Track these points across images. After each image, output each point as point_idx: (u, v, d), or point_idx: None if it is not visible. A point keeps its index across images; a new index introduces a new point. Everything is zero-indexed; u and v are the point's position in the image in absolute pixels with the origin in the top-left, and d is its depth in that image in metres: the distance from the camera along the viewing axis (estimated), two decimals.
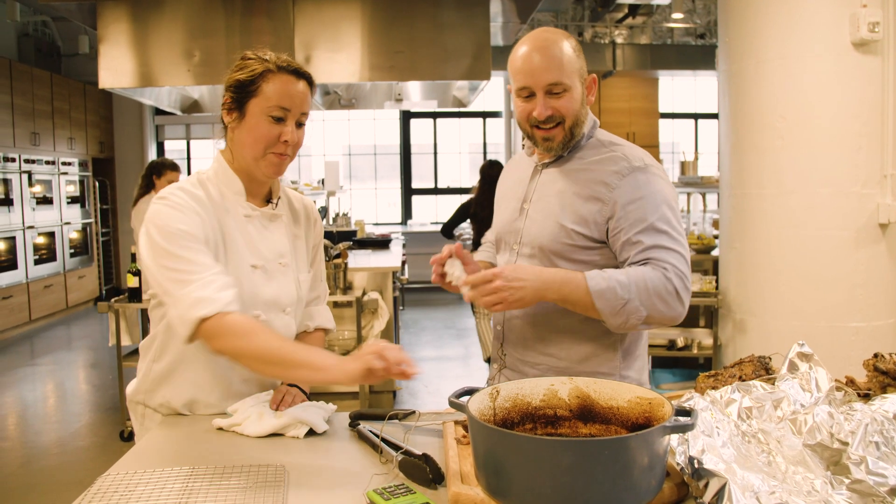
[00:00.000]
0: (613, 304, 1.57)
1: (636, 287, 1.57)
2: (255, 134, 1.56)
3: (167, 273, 1.45)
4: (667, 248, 1.62)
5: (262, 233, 1.66)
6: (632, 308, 1.57)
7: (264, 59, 1.57)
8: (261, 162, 1.58)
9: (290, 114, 1.57)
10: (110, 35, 5.30)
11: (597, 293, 1.57)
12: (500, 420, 1.28)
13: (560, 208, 1.71)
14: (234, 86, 1.58)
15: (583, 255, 1.69)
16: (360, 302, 4.29)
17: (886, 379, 1.48)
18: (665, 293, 1.59)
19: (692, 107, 10.87)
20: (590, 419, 1.27)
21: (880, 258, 3.59)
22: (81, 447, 4.34)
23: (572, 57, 1.67)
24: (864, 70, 3.48)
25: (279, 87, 1.55)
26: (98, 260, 9.34)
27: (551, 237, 1.70)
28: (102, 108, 9.60)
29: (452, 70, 5.53)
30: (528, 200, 1.79)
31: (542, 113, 1.66)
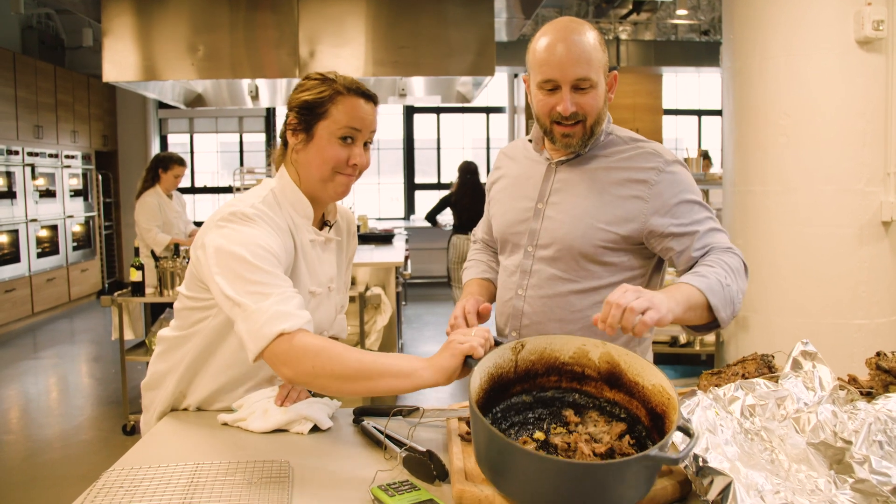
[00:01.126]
0: (722, 296, 1.52)
1: (728, 273, 1.55)
2: (323, 156, 1.54)
3: (244, 285, 1.38)
4: (718, 229, 1.64)
5: (320, 258, 1.66)
6: (734, 292, 1.54)
7: (332, 80, 1.55)
8: (328, 184, 1.57)
9: (360, 135, 1.56)
10: (114, 28, 5.30)
11: (708, 290, 1.49)
12: (522, 371, 1.29)
13: (592, 209, 1.65)
14: (300, 107, 1.55)
15: (613, 257, 1.65)
16: (364, 297, 4.29)
17: (889, 377, 1.48)
18: (741, 270, 1.59)
19: (696, 103, 10.85)
20: (615, 386, 1.28)
21: (883, 256, 3.59)
22: (84, 441, 4.35)
23: (599, 50, 1.60)
24: (868, 68, 3.47)
25: (348, 110, 1.53)
26: (101, 253, 9.35)
27: (584, 239, 1.64)
28: (106, 102, 9.60)
29: (456, 66, 5.53)
30: (542, 200, 1.72)
31: (566, 108, 1.59)
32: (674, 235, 1.62)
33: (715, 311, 1.51)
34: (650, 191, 1.62)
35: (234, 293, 1.38)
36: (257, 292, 1.37)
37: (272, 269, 1.41)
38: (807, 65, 3.53)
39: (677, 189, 1.62)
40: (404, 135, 10.94)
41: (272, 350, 1.33)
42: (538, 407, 1.33)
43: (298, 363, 1.31)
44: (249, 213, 1.47)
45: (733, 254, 1.60)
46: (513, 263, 1.77)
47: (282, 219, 1.55)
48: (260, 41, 5.37)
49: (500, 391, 1.30)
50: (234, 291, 1.38)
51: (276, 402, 1.56)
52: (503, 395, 1.30)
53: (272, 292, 1.37)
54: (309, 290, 1.61)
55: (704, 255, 1.60)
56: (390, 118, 10.96)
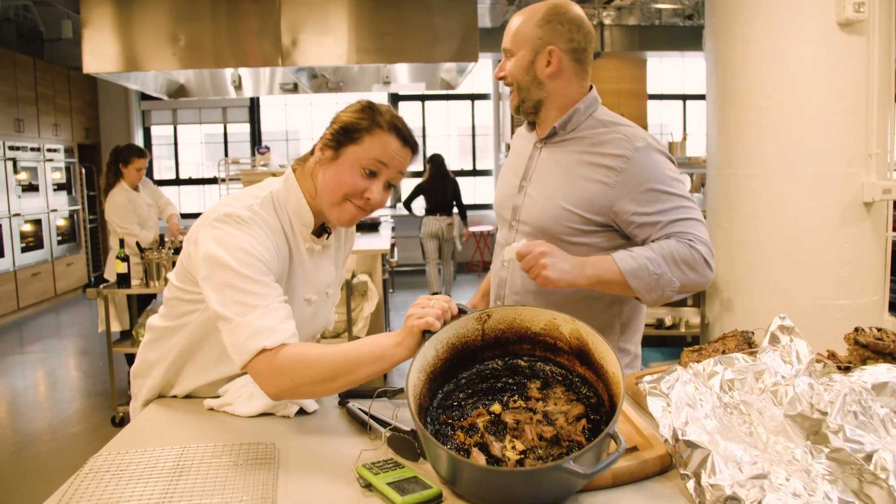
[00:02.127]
0: (647, 281, 1.60)
1: (665, 260, 1.60)
2: (341, 179, 1.52)
3: (231, 294, 1.38)
4: (685, 219, 1.65)
5: (317, 265, 1.65)
6: (665, 281, 1.61)
7: (377, 112, 1.53)
8: (335, 209, 1.55)
9: (386, 170, 1.53)
10: (94, 19, 5.25)
11: (629, 273, 1.59)
12: (492, 338, 1.30)
13: (562, 190, 1.71)
14: (340, 125, 1.54)
15: (584, 238, 1.70)
16: (350, 284, 4.30)
17: (867, 352, 1.51)
18: (693, 262, 1.62)
19: (680, 88, 10.88)
20: (585, 363, 1.28)
21: (865, 236, 3.63)
22: (73, 433, 4.34)
23: (528, 27, 1.72)
24: (849, 50, 3.50)
25: (382, 145, 1.51)
26: (86, 247, 9.29)
27: (552, 219, 1.71)
28: (87, 94, 9.51)
29: (440, 52, 5.51)
30: (527, 178, 1.80)
31: (497, 73, 1.79)
32: (636, 224, 1.67)
33: (636, 293, 1.61)
34: (616, 177, 1.66)
35: (219, 304, 1.39)
36: (243, 303, 1.37)
37: (261, 277, 1.41)
38: (789, 47, 3.56)
39: (644, 177, 1.65)
40: None
41: (254, 366, 1.35)
42: (508, 375, 1.33)
43: (280, 379, 1.33)
44: (245, 217, 1.46)
45: (688, 245, 1.62)
46: (501, 236, 1.86)
47: (278, 222, 1.54)
48: (242, 30, 5.34)
49: (467, 358, 1.32)
50: (219, 302, 1.39)
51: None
52: (471, 361, 1.32)
53: (258, 304, 1.37)
54: (304, 297, 1.60)
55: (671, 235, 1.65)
56: None
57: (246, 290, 1.38)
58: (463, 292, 8.81)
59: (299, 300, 1.59)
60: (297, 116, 10.90)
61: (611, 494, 1.12)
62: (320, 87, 7.06)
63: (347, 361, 1.31)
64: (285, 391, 1.34)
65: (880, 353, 1.49)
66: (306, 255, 1.60)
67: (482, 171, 11.04)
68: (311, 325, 1.65)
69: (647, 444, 1.23)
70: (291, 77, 6.46)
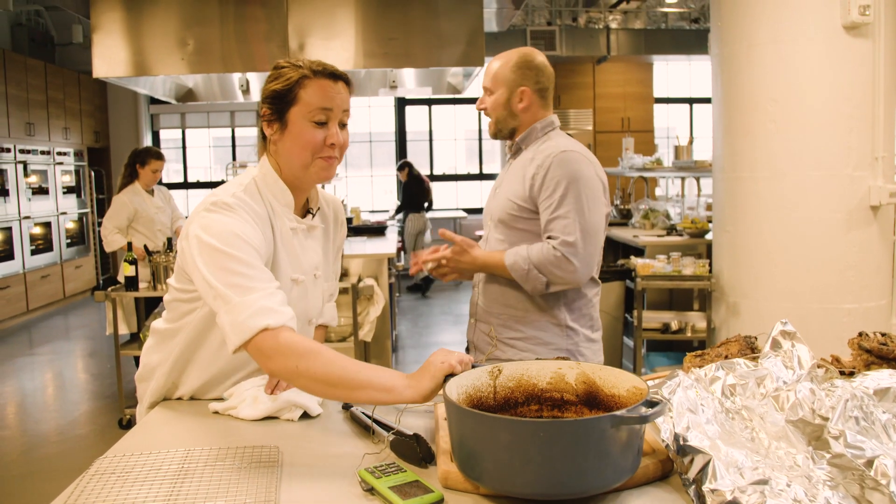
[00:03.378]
0: (520, 274, 2.09)
1: (534, 259, 2.06)
2: (300, 141, 1.54)
3: (227, 277, 1.38)
4: (563, 217, 2.05)
5: (303, 245, 1.66)
6: (533, 276, 2.07)
7: (298, 65, 1.55)
8: (310, 169, 1.57)
9: (332, 115, 1.55)
10: (104, 24, 5.28)
11: (509, 266, 2.10)
12: (502, 399, 1.30)
13: (511, 186, 2.18)
14: (270, 97, 1.56)
15: (524, 224, 2.14)
16: (356, 288, 4.31)
17: (870, 357, 1.51)
18: (556, 261, 2.04)
19: (687, 91, 10.86)
20: (595, 405, 1.29)
21: (872, 240, 3.62)
22: (80, 435, 4.37)
23: (505, 71, 2.17)
24: (855, 53, 3.49)
25: (317, 92, 1.53)
26: (95, 250, 9.34)
27: (503, 210, 2.18)
28: (97, 98, 9.57)
29: (447, 57, 5.52)
30: (499, 185, 2.28)
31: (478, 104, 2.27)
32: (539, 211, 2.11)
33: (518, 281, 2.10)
34: (538, 171, 2.09)
35: (217, 283, 1.39)
36: (241, 285, 1.38)
37: (254, 261, 1.42)
38: (794, 51, 3.56)
39: (555, 172, 2.06)
40: (396, 127, 10.93)
41: (256, 343, 1.34)
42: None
43: (285, 359, 1.33)
44: (230, 203, 1.48)
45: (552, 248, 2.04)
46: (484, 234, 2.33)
47: (261, 207, 1.55)
48: (250, 34, 5.36)
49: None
50: (217, 282, 1.39)
51: (266, 390, 1.56)
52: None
53: (256, 287, 1.38)
54: (291, 277, 1.61)
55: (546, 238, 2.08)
56: (382, 110, 10.96)
57: (242, 272, 1.39)
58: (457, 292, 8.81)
59: (286, 280, 1.59)
60: None
61: (612, 499, 1.13)
62: None
63: (356, 377, 1.31)
64: (285, 371, 1.34)
65: (884, 359, 1.49)
66: (290, 236, 1.61)
67: (489, 175, 11.05)
68: (301, 306, 1.65)
69: (648, 449, 1.23)
70: None
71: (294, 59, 1.58)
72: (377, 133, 11.04)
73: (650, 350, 4.97)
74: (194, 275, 1.45)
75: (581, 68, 9.47)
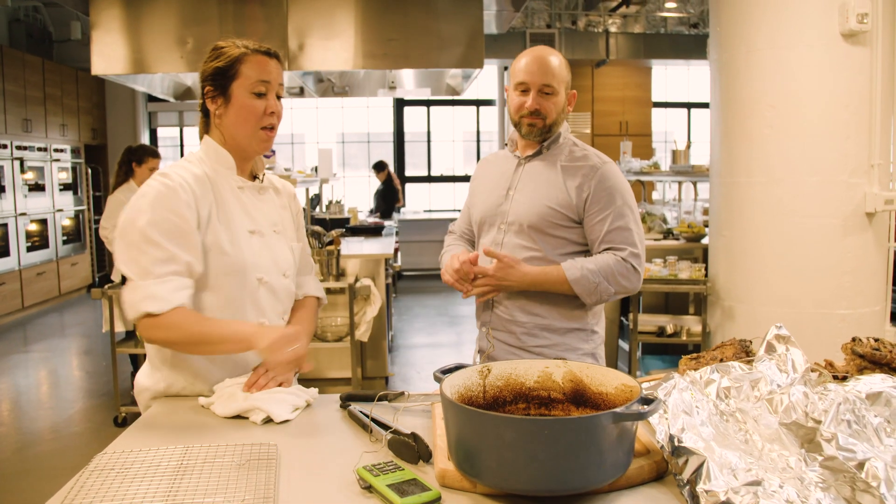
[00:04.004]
0: (587, 288, 2.01)
1: (602, 272, 2.00)
2: (244, 112, 1.69)
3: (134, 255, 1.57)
4: (624, 228, 2.03)
5: (254, 203, 1.78)
6: (602, 288, 2.02)
7: (236, 45, 1.70)
8: (253, 139, 1.72)
9: (270, 87, 1.71)
10: (103, 21, 5.28)
11: (573, 281, 2.01)
12: (491, 398, 1.32)
13: (546, 192, 2.08)
14: (213, 74, 1.70)
15: (562, 232, 2.07)
16: (353, 288, 4.32)
17: (863, 362, 1.52)
18: (626, 272, 2.02)
19: (685, 96, 10.89)
20: (582, 403, 1.31)
21: (867, 246, 3.64)
22: (75, 433, 4.37)
23: (562, 68, 2.08)
24: (852, 60, 3.51)
25: (255, 66, 1.69)
26: (91, 247, 9.33)
27: (541, 216, 2.07)
28: (95, 95, 9.56)
29: (446, 58, 5.53)
30: (513, 187, 2.14)
31: (532, 105, 2.05)
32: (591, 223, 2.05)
33: (581, 297, 2.03)
34: (587, 182, 2.05)
35: (123, 263, 1.59)
36: (143, 266, 1.56)
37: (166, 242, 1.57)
38: (792, 57, 3.57)
39: (607, 184, 2.04)
40: (394, 127, 10.94)
41: (140, 325, 1.58)
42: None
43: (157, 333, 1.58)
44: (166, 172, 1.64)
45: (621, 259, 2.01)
46: (489, 240, 2.17)
47: (200, 170, 1.69)
48: (249, 34, 5.37)
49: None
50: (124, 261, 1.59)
51: (244, 388, 1.61)
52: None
53: (155, 271, 1.56)
54: (248, 229, 1.74)
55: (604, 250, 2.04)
56: (380, 111, 10.96)
57: (149, 253, 1.56)
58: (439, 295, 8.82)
59: (242, 233, 1.72)
60: (303, 120, 10.95)
61: (608, 499, 1.14)
62: (326, 91, 7.09)
63: (215, 334, 1.59)
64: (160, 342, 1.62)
65: (877, 364, 1.50)
66: (239, 193, 1.75)
67: None
68: (267, 256, 1.76)
69: (643, 450, 1.24)
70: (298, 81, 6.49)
71: (231, 40, 1.72)
72: (375, 134, 11.05)
73: (645, 353, 4.99)
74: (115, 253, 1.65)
75: (580, 71, 9.49)
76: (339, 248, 4.45)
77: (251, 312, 1.72)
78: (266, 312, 1.75)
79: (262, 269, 1.73)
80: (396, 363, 5.88)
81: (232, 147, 1.74)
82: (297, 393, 1.62)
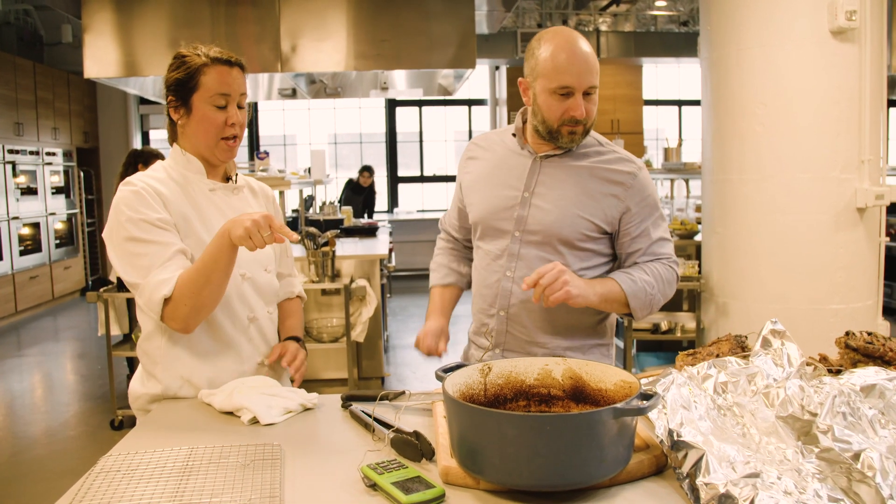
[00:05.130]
0: (643, 301, 1.83)
1: (657, 283, 1.84)
2: (204, 124, 1.70)
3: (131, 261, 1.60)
4: (665, 239, 1.90)
5: (228, 202, 1.80)
6: (656, 301, 1.86)
7: (197, 54, 1.70)
8: (215, 149, 1.73)
9: (231, 98, 1.71)
10: (95, 24, 5.28)
11: (631, 294, 1.80)
12: (492, 395, 1.33)
13: (577, 200, 1.83)
14: (174, 85, 1.70)
15: (589, 244, 1.85)
16: (349, 289, 4.33)
17: (857, 355, 1.55)
18: (673, 281, 1.90)
19: (676, 94, 10.94)
20: (581, 400, 1.33)
21: (859, 242, 3.67)
22: (71, 437, 4.36)
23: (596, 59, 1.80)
24: (842, 57, 3.54)
25: (216, 78, 1.69)
26: (84, 250, 9.30)
27: (570, 227, 1.82)
28: (86, 98, 9.53)
29: (438, 58, 5.55)
30: (529, 190, 1.85)
31: (582, 113, 1.75)
32: (631, 236, 1.86)
33: (633, 311, 1.83)
34: (625, 192, 1.84)
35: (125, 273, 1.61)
36: (143, 266, 1.59)
37: (152, 237, 1.60)
38: (782, 55, 3.60)
39: (646, 193, 1.87)
40: (387, 128, 10.95)
41: (167, 314, 1.59)
42: None
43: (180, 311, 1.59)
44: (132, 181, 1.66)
45: (669, 267, 1.88)
46: (497, 248, 1.89)
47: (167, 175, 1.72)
48: (241, 36, 5.37)
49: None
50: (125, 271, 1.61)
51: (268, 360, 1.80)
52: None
53: (153, 264, 1.59)
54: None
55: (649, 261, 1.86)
56: (372, 111, 10.97)
57: (142, 253, 1.59)
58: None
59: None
60: (295, 121, 10.94)
61: (609, 494, 1.16)
62: (318, 92, 7.10)
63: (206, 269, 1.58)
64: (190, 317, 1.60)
65: (870, 357, 1.53)
66: (211, 195, 1.77)
67: None
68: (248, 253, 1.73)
69: (642, 445, 1.26)
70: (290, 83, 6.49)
71: (193, 47, 1.72)
72: (367, 134, 11.06)
73: (640, 350, 5.02)
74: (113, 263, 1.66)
75: None
76: (334, 249, 4.46)
77: (238, 307, 1.76)
78: (252, 306, 1.79)
79: (243, 265, 1.75)
80: (392, 363, 5.89)
81: (197, 155, 1.76)
82: (292, 396, 1.62)
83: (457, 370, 1.30)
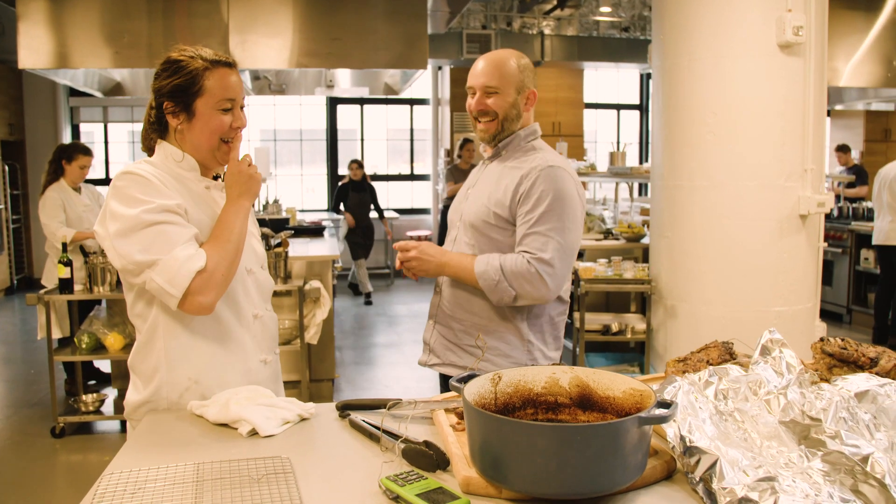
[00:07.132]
0: (489, 283, 2.04)
1: (505, 271, 2.02)
2: (209, 128, 1.68)
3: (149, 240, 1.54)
4: (541, 234, 2.02)
5: (217, 202, 1.78)
6: (502, 287, 2.03)
7: (192, 57, 1.66)
8: (217, 152, 1.71)
9: (236, 103, 1.70)
10: (30, 13, 5.05)
11: (478, 274, 2.05)
12: (502, 404, 1.34)
13: (488, 191, 2.13)
14: (173, 91, 1.66)
15: (497, 234, 2.10)
16: (303, 291, 4.27)
17: (833, 360, 1.63)
18: (528, 276, 2.01)
19: (615, 97, 11.19)
20: (588, 407, 1.35)
21: (801, 247, 3.85)
22: (8, 446, 4.15)
23: (512, 70, 2.10)
24: (788, 70, 3.70)
25: (220, 81, 1.66)
26: (9, 248, 8.87)
27: (478, 216, 2.13)
28: (12, 88, 9.09)
29: (389, 58, 5.53)
30: (472, 187, 2.23)
31: (473, 107, 2.14)
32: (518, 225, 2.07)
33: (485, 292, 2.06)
34: (521, 185, 2.05)
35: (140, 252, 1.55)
36: (163, 243, 1.55)
37: (167, 219, 1.57)
38: (733, 66, 3.74)
39: (542, 187, 2.03)
40: (327, 125, 10.83)
41: (192, 287, 1.55)
42: None
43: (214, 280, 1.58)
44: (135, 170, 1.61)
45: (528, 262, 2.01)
46: (450, 238, 2.27)
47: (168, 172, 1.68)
48: (179, 30, 5.22)
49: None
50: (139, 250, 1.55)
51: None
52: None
53: (176, 241, 1.56)
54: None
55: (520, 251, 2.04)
56: (313, 109, 10.83)
57: (162, 231, 1.56)
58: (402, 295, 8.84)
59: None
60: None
61: (627, 499, 1.18)
62: (262, 88, 6.97)
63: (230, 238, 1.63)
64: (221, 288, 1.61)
65: (845, 362, 1.61)
66: (206, 192, 1.75)
67: (420, 175, 11.08)
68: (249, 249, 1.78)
69: (652, 451, 1.30)
70: None
71: (182, 50, 1.68)
72: (308, 131, 10.91)
73: (589, 351, 5.12)
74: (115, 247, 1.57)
75: None
76: (287, 250, 4.39)
77: (243, 301, 1.75)
78: (254, 301, 1.79)
79: (247, 261, 1.76)
80: (340, 364, 5.84)
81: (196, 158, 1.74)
82: (289, 407, 1.59)
83: (470, 380, 1.31)
